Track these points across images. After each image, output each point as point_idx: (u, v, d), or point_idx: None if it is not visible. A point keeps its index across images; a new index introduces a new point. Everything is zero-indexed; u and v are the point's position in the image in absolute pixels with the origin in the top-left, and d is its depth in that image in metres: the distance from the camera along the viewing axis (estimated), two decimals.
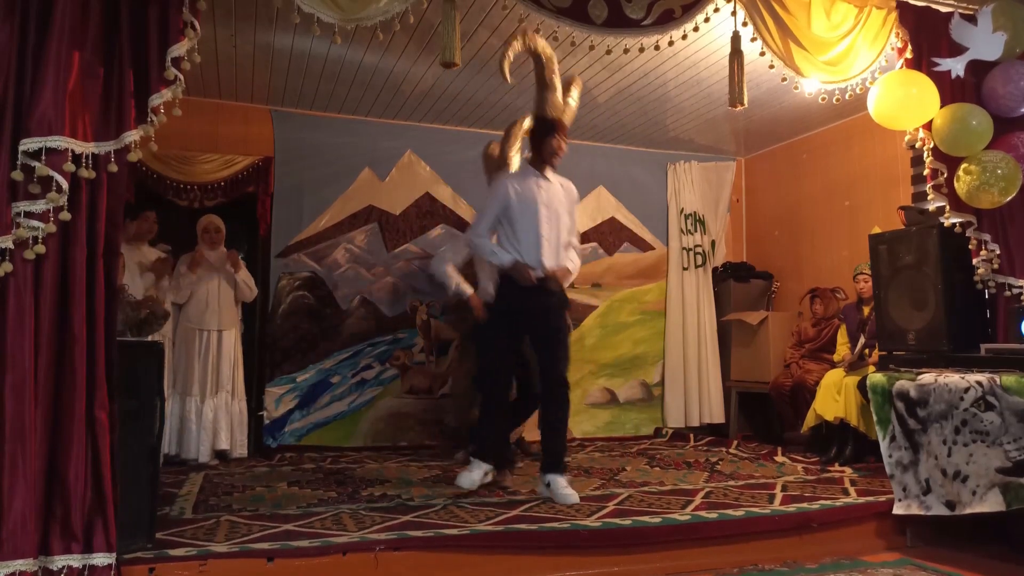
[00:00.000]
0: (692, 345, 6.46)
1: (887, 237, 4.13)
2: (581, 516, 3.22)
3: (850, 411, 4.61)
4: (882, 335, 4.10)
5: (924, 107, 3.65)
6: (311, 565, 2.67)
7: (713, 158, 6.87)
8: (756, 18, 3.47)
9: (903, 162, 5.37)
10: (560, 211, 3.78)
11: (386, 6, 2.88)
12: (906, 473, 3.36)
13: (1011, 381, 3.02)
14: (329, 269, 5.68)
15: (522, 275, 3.64)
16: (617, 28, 3.26)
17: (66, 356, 2.41)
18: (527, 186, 3.76)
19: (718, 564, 3.08)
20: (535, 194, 3.74)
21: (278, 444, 5.36)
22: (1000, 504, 3.05)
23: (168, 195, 5.26)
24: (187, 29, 2.61)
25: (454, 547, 2.87)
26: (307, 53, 4.65)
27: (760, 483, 4.07)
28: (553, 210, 3.76)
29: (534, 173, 3.82)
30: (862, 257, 4.93)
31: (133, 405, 2.70)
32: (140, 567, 2.53)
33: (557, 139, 3.76)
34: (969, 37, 3.74)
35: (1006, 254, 3.71)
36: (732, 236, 6.96)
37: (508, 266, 3.67)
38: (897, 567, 3.11)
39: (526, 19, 3.18)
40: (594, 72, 4.92)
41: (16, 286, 2.35)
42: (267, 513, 3.31)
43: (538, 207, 3.72)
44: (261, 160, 5.53)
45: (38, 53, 2.43)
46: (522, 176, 3.85)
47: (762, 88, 5.04)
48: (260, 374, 5.53)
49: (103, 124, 2.51)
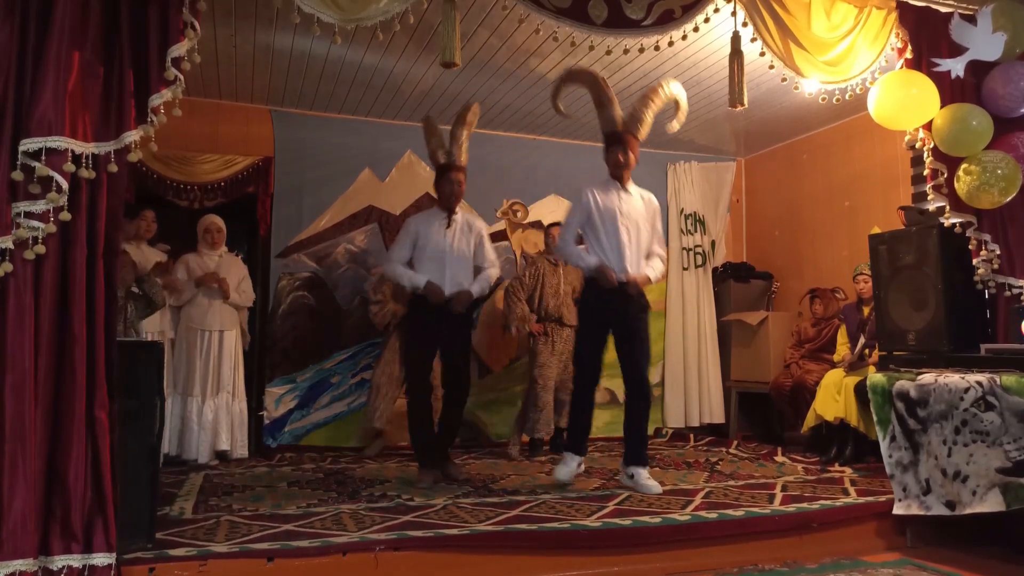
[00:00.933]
0: (692, 345, 6.46)
1: (887, 237, 4.13)
2: (581, 516, 3.22)
3: (850, 411, 4.61)
4: (882, 335, 4.10)
5: (924, 107, 3.65)
6: (311, 565, 2.67)
7: (713, 158, 6.87)
8: (756, 18, 3.47)
9: (903, 162, 5.37)
10: (640, 222, 4.01)
11: (386, 6, 2.88)
12: (906, 473, 3.36)
13: (1011, 381, 3.02)
14: (329, 269, 5.68)
15: (606, 277, 3.84)
16: (617, 28, 3.27)
17: (66, 356, 2.41)
18: (609, 197, 4.00)
19: (718, 564, 3.08)
20: (615, 205, 3.98)
21: (278, 444, 5.36)
22: (1000, 504, 3.05)
23: (168, 195, 5.26)
24: (187, 29, 2.61)
25: (454, 547, 2.87)
26: (307, 53, 4.65)
27: (760, 483, 4.07)
28: (632, 220, 3.98)
29: (615, 186, 4.04)
30: (862, 257, 4.94)
31: (133, 405, 2.70)
32: (140, 567, 2.52)
33: (614, 152, 3.96)
34: (969, 37, 3.74)
35: (1006, 254, 3.71)
36: (732, 236, 6.97)
37: (594, 267, 3.90)
38: (897, 567, 3.11)
39: (526, 19, 3.18)
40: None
41: (16, 286, 2.35)
42: (267, 513, 3.31)
43: (617, 217, 3.96)
44: (261, 160, 5.53)
45: (38, 53, 2.43)
46: (604, 188, 4.05)
47: (762, 88, 5.04)
48: (260, 374, 5.53)
49: (103, 124, 2.51)
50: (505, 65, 4.80)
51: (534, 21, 3.16)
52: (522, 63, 4.77)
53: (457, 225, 4.25)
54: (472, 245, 4.29)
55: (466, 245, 4.26)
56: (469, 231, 4.31)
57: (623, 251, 3.92)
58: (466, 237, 4.27)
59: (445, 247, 4.18)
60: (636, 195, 4.08)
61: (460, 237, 4.25)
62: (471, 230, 4.32)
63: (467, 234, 4.29)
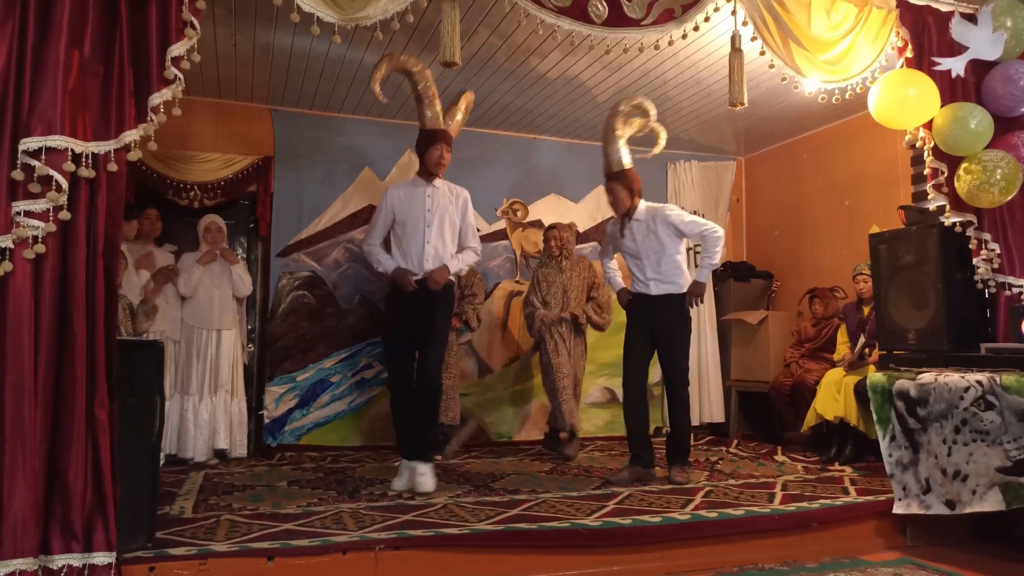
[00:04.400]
0: (692, 344, 6.44)
1: (887, 236, 4.13)
2: (581, 515, 3.22)
3: (850, 410, 4.61)
4: (882, 334, 4.10)
5: (924, 106, 3.65)
6: (311, 564, 2.67)
7: (713, 158, 6.87)
8: (756, 17, 3.47)
9: (903, 161, 5.37)
10: (447, 217, 4.01)
11: (385, 5, 2.88)
12: (906, 472, 3.37)
13: (1011, 380, 3.02)
14: (329, 268, 5.68)
15: (401, 281, 3.89)
16: (617, 27, 3.26)
17: (66, 355, 2.41)
18: (414, 196, 4.02)
19: (718, 563, 3.08)
20: (420, 203, 4.00)
21: (278, 443, 5.36)
22: (1000, 503, 3.05)
23: (168, 194, 5.26)
24: (187, 28, 2.60)
25: (454, 546, 2.87)
26: (307, 52, 4.65)
27: (760, 482, 4.07)
28: (438, 216, 3.99)
29: (421, 183, 4.06)
30: (862, 256, 4.94)
31: (133, 404, 2.70)
32: (140, 566, 2.53)
33: (438, 149, 3.97)
34: (969, 36, 3.74)
35: (1006, 253, 3.71)
36: (732, 236, 6.96)
37: (390, 272, 3.97)
38: (897, 566, 3.11)
39: (526, 18, 3.17)
40: (594, 72, 4.92)
41: (16, 285, 2.35)
42: (267, 512, 3.31)
43: (422, 215, 3.98)
44: (261, 160, 5.53)
45: (38, 52, 2.43)
46: (409, 187, 4.07)
47: (762, 88, 5.03)
48: (260, 373, 5.53)
49: (103, 123, 2.50)
50: (505, 64, 4.80)
51: (534, 20, 3.16)
52: (522, 62, 4.77)
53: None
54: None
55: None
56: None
57: (424, 249, 3.93)
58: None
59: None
60: (444, 189, 4.06)
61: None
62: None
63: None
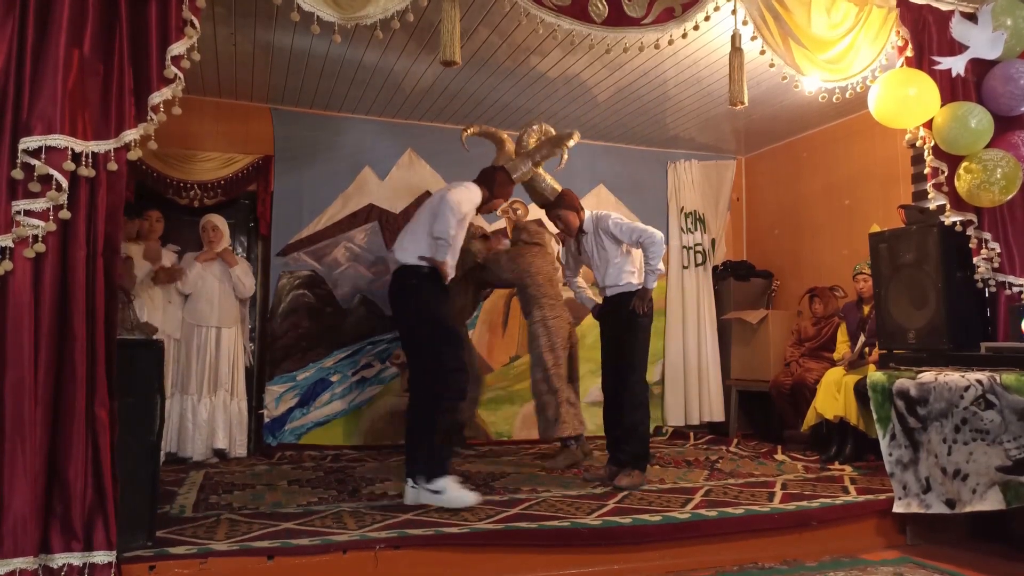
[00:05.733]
0: (692, 343, 6.46)
1: (887, 236, 4.13)
2: (581, 514, 3.22)
3: (850, 409, 4.61)
4: (882, 334, 4.10)
5: (924, 106, 3.64)
6: (311, 563, 2.67)
7: (713, 157, 6.86)
8: (756, 16, 3.47)
9: (903, 161, 5.36)
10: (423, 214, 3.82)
11: (385, 4, 2.88)
12: (906, 471, 3.37)
13: (1011, 379, 3.02)
14: (329, 268, 5.68)
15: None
16: (617, 26, 3.26)
17: (66, 354, 2.41)
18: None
19: (718, 562, 3.08)
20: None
21: (278, 442, 5.36)
22: (1000, 502, 3.05)
23: (168, 194, 5.26)
24: (187, 27, 2.60)
25: (454, 545, 2.87)
26: (307, 51, 4.65)
27: (760, 481, 4.07)
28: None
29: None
30: (862, 256, 4.93)
31: (133, 403, 2.70)
32: (140, 565, 2.53)
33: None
34: (969, 36, 3.74)
35: (1006, 252, 3.71)
36: (732, 235, 6.97)
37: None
38: (897, 565, 3.11)
39: (526, 17, 3.17)
40: (594, 71, 4.92)
41: (16, 284, 2.35)
42: (267, 511, 3.31)
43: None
44: (261, 159, 5.53)
45: (38, 51, 2.43)
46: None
47: (762, 87, 5.03)
48: (260, 372, 5.53)
49: (103, 122, 2.50)
50: (505, 63, 4.79)
51: (534, 19, 3.16)
52: (522, 61, 4.76)
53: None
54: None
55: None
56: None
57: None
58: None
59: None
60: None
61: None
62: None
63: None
